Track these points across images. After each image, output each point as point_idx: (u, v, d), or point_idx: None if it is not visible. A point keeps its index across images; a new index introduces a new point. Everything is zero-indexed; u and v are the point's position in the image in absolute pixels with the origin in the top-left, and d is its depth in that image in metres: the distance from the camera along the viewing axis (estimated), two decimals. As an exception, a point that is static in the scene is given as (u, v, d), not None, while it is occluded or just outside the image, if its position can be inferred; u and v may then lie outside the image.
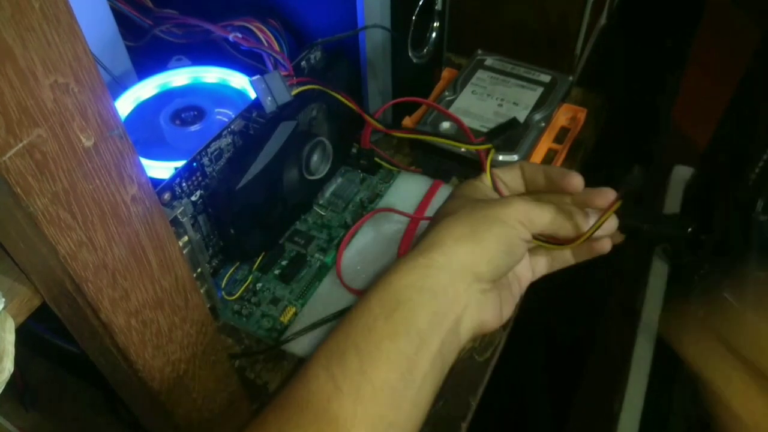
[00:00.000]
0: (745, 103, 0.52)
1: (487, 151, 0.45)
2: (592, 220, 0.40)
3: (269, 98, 0.46)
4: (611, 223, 0.41)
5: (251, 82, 0.46)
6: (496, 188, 0.43)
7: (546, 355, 0.59)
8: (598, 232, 0.40)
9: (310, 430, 0.32)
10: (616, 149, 0.55)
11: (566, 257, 0.45)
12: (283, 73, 0.49)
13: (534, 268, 0.45)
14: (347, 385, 0.34)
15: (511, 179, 0.45)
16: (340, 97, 0.49)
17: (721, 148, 0.55)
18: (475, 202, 0.40)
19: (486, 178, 0.43)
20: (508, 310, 0.42)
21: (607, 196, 0.40)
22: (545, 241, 0.41)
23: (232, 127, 0.47)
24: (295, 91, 0.48)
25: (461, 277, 0.37)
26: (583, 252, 0.44)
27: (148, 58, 0.60)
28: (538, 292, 0.46)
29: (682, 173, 0.61)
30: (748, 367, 0.36)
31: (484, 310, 0.39)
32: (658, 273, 0.53)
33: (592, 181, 0.41)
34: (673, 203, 0.58)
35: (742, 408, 0.36)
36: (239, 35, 0.55)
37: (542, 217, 0.39)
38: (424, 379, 0.36)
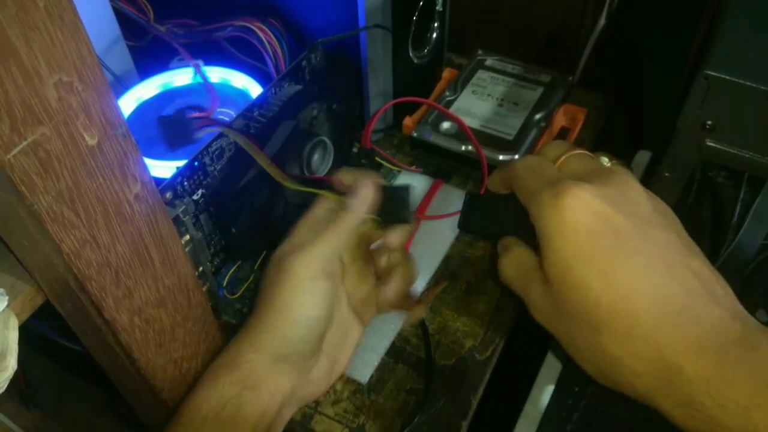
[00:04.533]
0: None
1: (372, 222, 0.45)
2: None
3: (172, 141, 0.45)
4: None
5: (158, 122, 0.45)
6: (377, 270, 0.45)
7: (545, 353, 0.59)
8: None
9: None
10: (616, 149, 0.55)
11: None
12: (197, 119, 0.47)
13: (378, 304, 0.46)
14: None
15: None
16: (239, 140, 0.46)
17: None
18: (274, 278, 0.41)
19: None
20: (343, 362, 0.45)
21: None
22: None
23: (234, 126, 0.47)
24: (200, 134, 0.46)
25: (278, 370, 0.39)
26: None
27: (149, 58, 0.60)
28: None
29: (642, 158, 0.61)
30: None
31: (310, 385, 0.42)
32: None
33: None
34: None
35: None
36: (201, 62, 0.55)
37: (320, 253, 0.40)
38: None
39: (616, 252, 0.31)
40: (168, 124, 0.45)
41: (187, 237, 0.44)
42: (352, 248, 0.44)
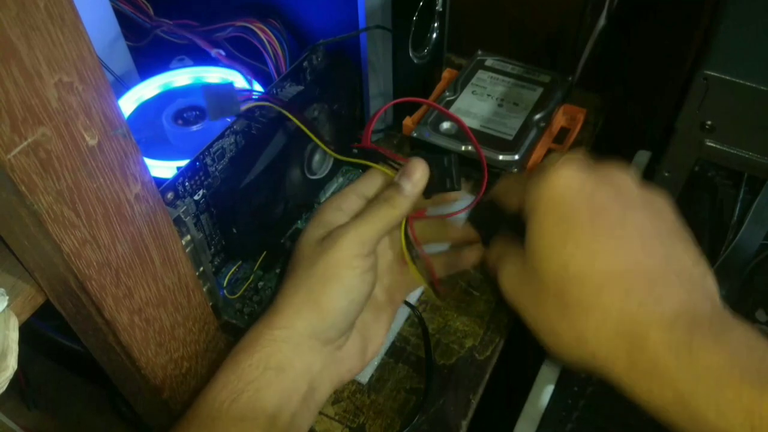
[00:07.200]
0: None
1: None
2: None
3: (215, 109, 0.44)
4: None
5: (202, 90, 0.45)
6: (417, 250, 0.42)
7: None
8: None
9: None
10: (616, 149, 0.55)
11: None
12: (241, 91, 0.46)
13: (408, 283, 0.45)
14: None
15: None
16: (296, 120, 0.46)
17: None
18: (313, 253, 0.39)
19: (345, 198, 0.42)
20: (377, 342, 0.43)
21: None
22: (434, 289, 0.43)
23: (235, 126, 0.48)
24: (246, 107, 0.46)
25: (307, 347, 0.37)
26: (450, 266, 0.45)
27: (150, 59, 0.60)
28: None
29: (642, 158, 0.61)
30: None
31: (343, 363, 0.40)
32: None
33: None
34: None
35: None
36: (222, 53, 0.55)
37: (371, 232, 0.38)
38: None
39: (593, 227, 0.31)
40: (213, 93, 0.44)
41: (188, 237, 0.44)
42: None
